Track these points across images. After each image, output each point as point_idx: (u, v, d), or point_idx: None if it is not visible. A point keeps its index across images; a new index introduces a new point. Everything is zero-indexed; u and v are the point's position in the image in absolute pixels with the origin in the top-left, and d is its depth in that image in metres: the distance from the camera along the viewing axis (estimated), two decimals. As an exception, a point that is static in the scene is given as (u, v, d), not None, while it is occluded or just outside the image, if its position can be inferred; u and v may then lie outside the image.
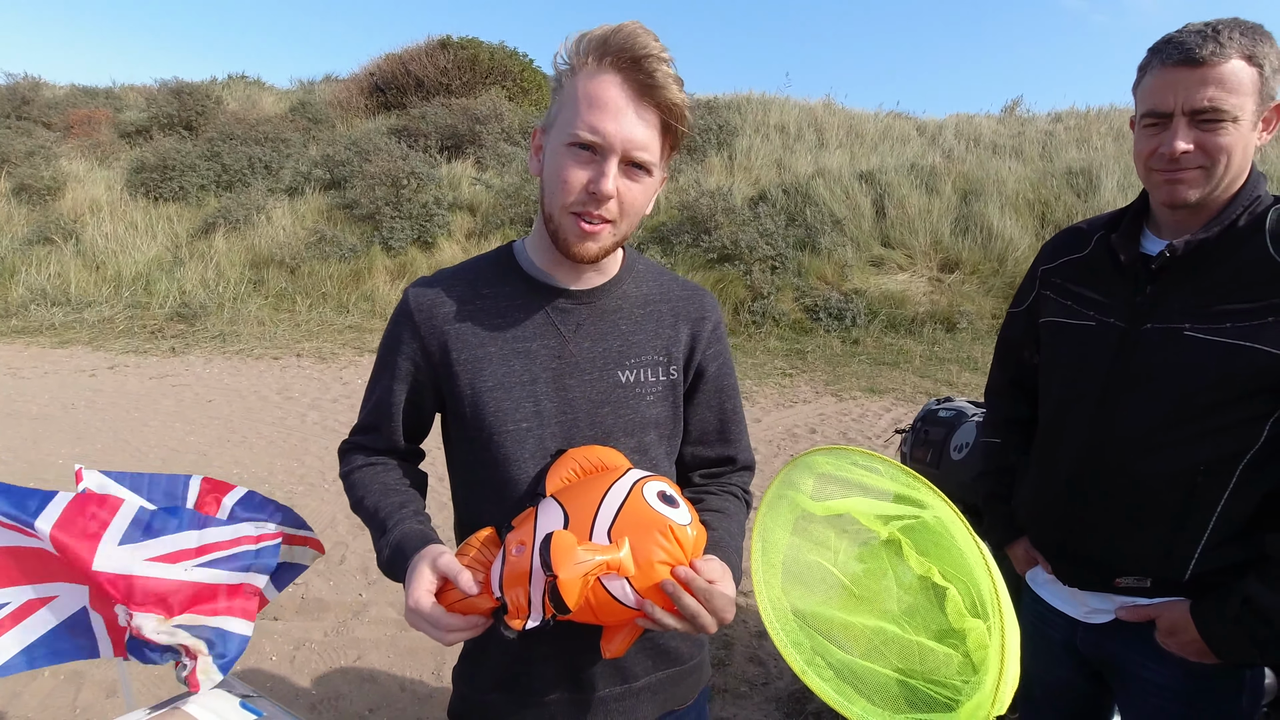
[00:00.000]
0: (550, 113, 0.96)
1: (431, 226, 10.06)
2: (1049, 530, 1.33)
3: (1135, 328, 1.18)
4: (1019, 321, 1.45)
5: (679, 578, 0.82)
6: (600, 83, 0.89)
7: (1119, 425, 1.19)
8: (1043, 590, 1.41)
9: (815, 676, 0.70)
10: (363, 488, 1.06)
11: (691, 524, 0.86)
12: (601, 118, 0.89)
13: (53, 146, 12.36)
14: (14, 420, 5.58)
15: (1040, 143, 12.18)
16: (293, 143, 12.16)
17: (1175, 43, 1.08)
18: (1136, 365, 1.17)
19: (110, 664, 2.64)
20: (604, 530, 0.82)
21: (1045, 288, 1.36)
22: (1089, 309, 1.26)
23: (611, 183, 0.90)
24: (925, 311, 8.53)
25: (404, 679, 2.70)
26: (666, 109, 0.91)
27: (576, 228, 0.93)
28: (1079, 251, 1.32)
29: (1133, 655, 1.27)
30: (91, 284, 9.71)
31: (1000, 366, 1.53)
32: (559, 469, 0.95)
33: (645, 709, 1.08)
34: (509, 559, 0.85)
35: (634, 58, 0.88)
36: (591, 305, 1.04)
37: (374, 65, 14.51)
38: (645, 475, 0.90)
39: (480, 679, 1.08)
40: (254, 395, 6.42)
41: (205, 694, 1.02)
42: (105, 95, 15.29)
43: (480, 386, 1.00)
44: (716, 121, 12.12)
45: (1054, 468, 1.30)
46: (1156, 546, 1.19)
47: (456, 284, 1.04)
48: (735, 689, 2.60)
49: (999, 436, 1.51)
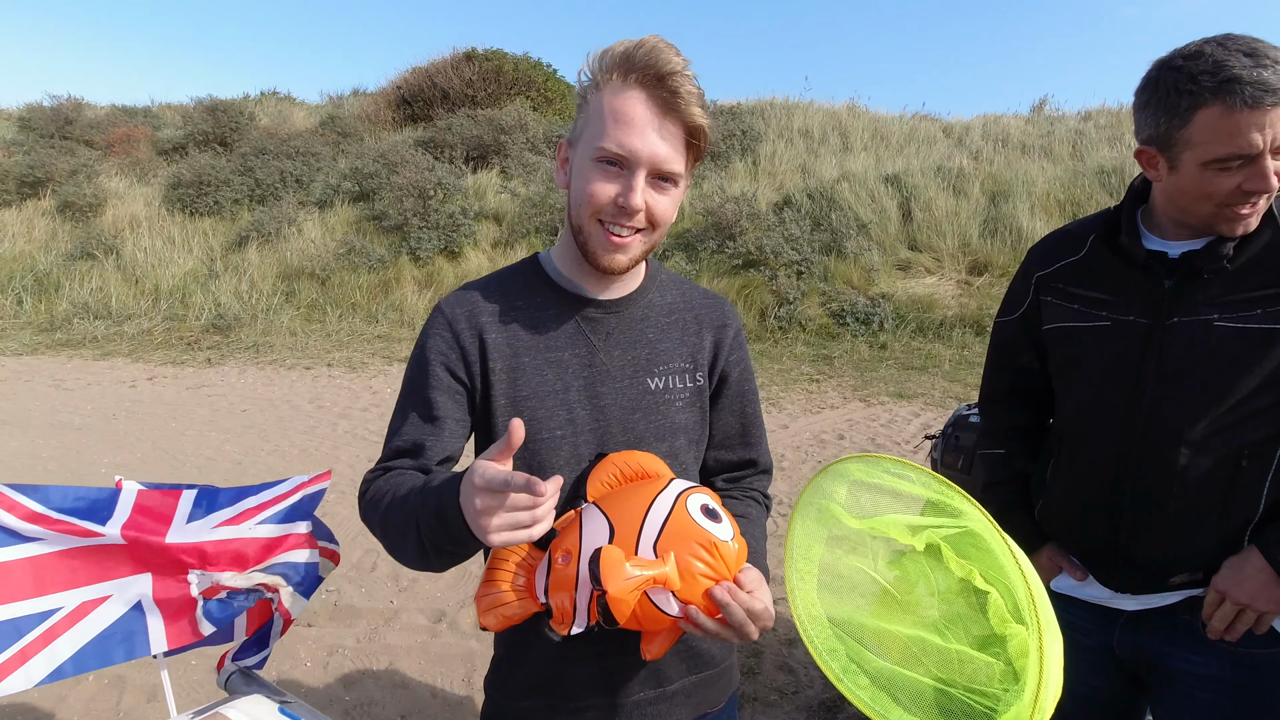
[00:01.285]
0: (576, 127, 0.98)
1: (458, 236, 10.18)
2: (1089, 537, 1.31)
3: (1160, 323, 1.18)
4: (1012, 329, 1.44)
5: (724, 591, 0.84)
6: (626, 99, 0.91)
7: (1157, 422, 1.18)
8: (1077, 591, 1.38)
9: (850, 684, 0.70)
10: (381, 493, 0.96)
11: (734, 538, 0.87)
12: (628, 133, 0.90)
13: (94, 165, 12.76)
14: (58, 430, 5.75)
15: (1070, 142, 11.97)
16: (322, 156, 12.40)
17: (1248, 82, 1.00)
18: (1169, 360, 1.17)
19: (152, 669, 2.71)
20: (650, 544, 0.83)
21: (1044, 293, 1.35)
22: (1100, 309, 1.25)
23: (640, 196, 0.92)
24: (954, 315, 8.42)
25: (435, 686, 2.73)
26: (690, 125, 0.94)
27: (606, 240, 0.95)
28: (1074, 254, 1.31)
29: (1177, 648, 1.26)
30: (131, 297, 9.99)
31: (996, 374, 1.52)
32: (599, 473, 0.96)
33: (679, 712, 1.09)
34: (555, 567, 0.86)
35: (658, 75, 0.90)
36: (620, 314, 1.06)
37: (401, 79, 14.76)
38: (689, 487, 0.91)
39: (513, 685, 1.09)
40: (286, 404, 6.54)
41: (244, 699, 1.05)
42: (144, 114, 15.76)
43: (516, 396, 1.01)
44: (740, 127, 12.11)
45: (1087, 473, 1.29)
46: (1209, 539, 1.19)
47: (489, 295, 1.06)
48: (765, 697, 2.58)
49: (1002, 446, 1.50)
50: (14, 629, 1.09)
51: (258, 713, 1.00)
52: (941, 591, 0.75)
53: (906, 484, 0.77)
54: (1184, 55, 1.06)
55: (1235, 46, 1.03)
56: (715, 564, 0.84)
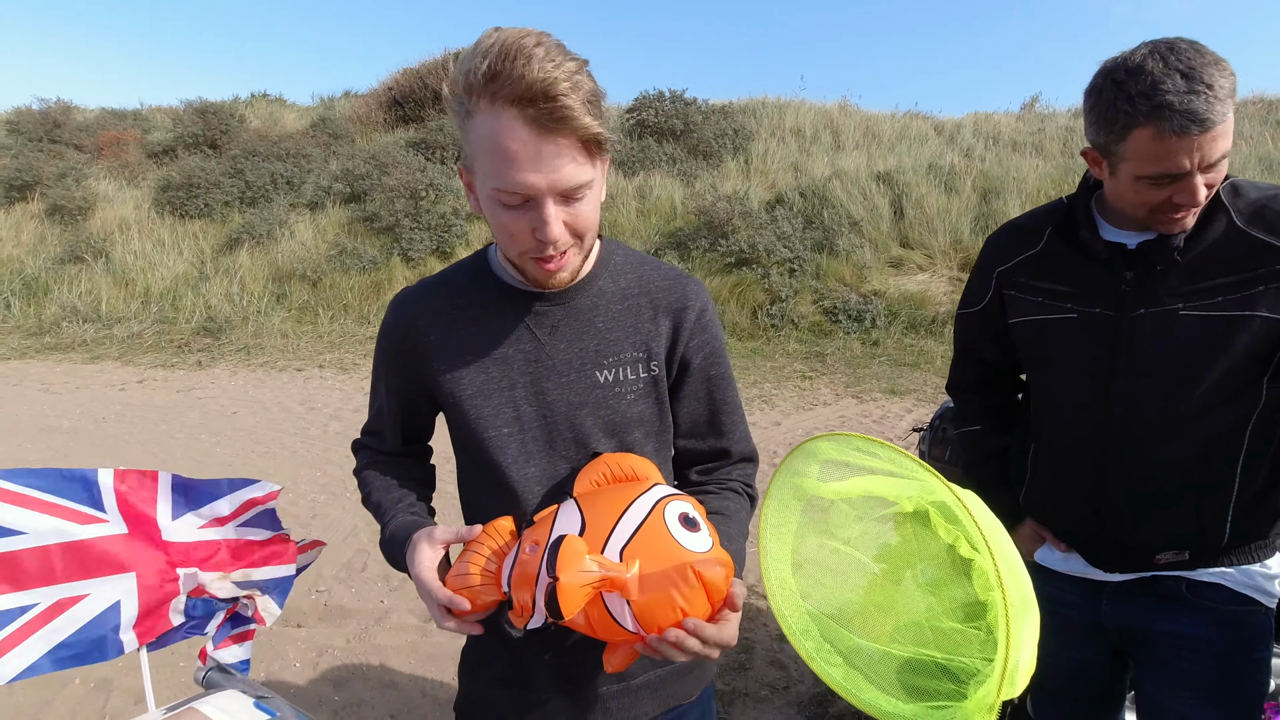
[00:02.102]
0: (466, 153, 0.88)
1: (450, 237, 10.16)
2: (1074, 524, 1.34)
3: (1127, 314, 1.20)
4: (974, 322, 1.45)
5: (688, 629, 0.79)
6: (503, 129, 0.80)
7: (1132, 412, 1.21)
8: (1060, 565, 1.39)
9: (823, 663, 0.70)
10: (368, 485, 1.12)
11: (712, 549, 0.83)
12: (519, 169, 0.81)
13: (83, 168, 12.69)
14: (47, 435, 5.71)
15: (1061, 139, 12.02)
16: (314, 158, 12.36)
17: (1179, 110, 1.02)
18: (1139, 352, 1.19)
19: (138, 671, 2.68)
20: (618, 546, 0.80)
21: (1007, 288, 1.35)
22: (1064, 301, 1.26)
23: (555, 226, 0.85)
24: (946, 311, 8.44)
25: (425, 685, 2.71)
26: (581, 135, 0.82)
27: (539, 269, 0.91)
28: (1032, 248, 1.32)
29: (1163, 613, 1.29)
30: (121, 300, 9.94)
31: (962, 366, 1.54)
32: (589, 472, 0.94)
33: (645, 705, 1.08)
34: (521, 557, 0.85)
35: (531, 95, 0.78)
36: (566, 305, 1.01)
37: (392, 80, 14.72)
38: (670, 494, 0.88)
39: (482, 675, 1.09)
40: (277, 406, 6.51)
41: (220, 694, 1.04)
42: (133, 117, 15.68)
43: (460, 395, 1.00)
44: (732, 126, 12.12)
45: (1068, 463, 1.31)
46: (1191, 520, 1.22)
47: (434, 295, 1.04)
48: (756, 693, 2.57)
49: (978, 423, 1.51)
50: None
51: (232, 708, 0.99)
52: (930, 558, 0.74)
53: (874, 461, 0.76)
54: (1126, 69, 1.07)
55: (1175, 64, 1.02)
56: (692, 597, 0.79)
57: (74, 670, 2.72)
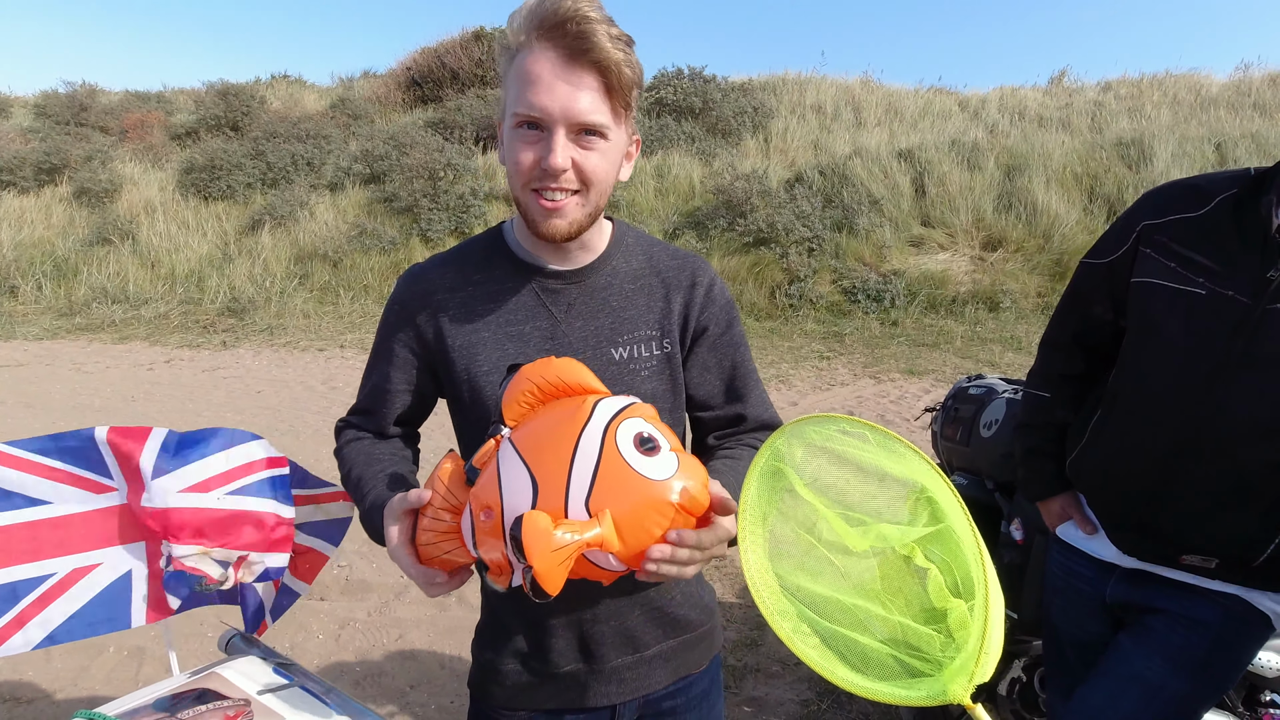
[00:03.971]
0: (503, 101, 0.94)
1: (468, 217, 10.20)
2: (1121, 501, 1.29)
3: (1260, 306, 1.11)
4: (1098, 274, 1.34)
5: (671, 540, 0.75)
6: (534, 58, 0.86)
7: (1232, 407, 1.13)
8: (1079, 542, 1.40)
9: (800, 644, 0.71)
10: (349, 462, 1.08)
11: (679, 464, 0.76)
12: (537, 92, 0.86)
13: (109, 150, 12.88)
14: (79, 413, 5.86)
15: (1089, 113, 11.77)
16: (333, 139, 12.43)
17: None
18: (1260, 347, 1.11)
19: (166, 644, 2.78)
20: (581, 500, 0.73)
21: (1146, 245, 1.24)
22: (1198, 275, 1.17)
23: (561, 155, 0.87)
24: (967, 291, 8.34)
25: (443, 657, 2.78)
26: (602, 68, 0.86)
27: (539, 206, 0.92)
28: (1194, 211, 1.20)
29: (1172, 596, 1.28)
30: (148, 282, 10.13)
31: (1064, 318, 1.43)
32: (514, 392, 0.84)
33: (658, 675, 1.11)
34: (478, 524, 0.78)
35: (558, 22, 0.84)
36: (581, 284, 1.03)
37: (410, 59, 14.72)
38: (616, 413, 0.79)
39: (496, 649, 1.12)
40: (300, 385, 6.62)
41: (241, 659, 1.08)
42: (157, 99, 15.85)
43: (476, 371, 1.01)
44: (751, 104, 11.98)
45: (1141, 441, 1.24)
46: (1238, 530, 1.17)
47: (447, 271, 1.05)
48: (768, 668, 2.61)
49: (1049, 390, 1.44)
50: (10, 593, 1.12)
51: (253, 672, 1.03)
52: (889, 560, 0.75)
53: (862, 445, 0.76)
54: None
55: None
56: (676, 524, 0.74)
57: (109, 637, 2.82)
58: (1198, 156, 9.38)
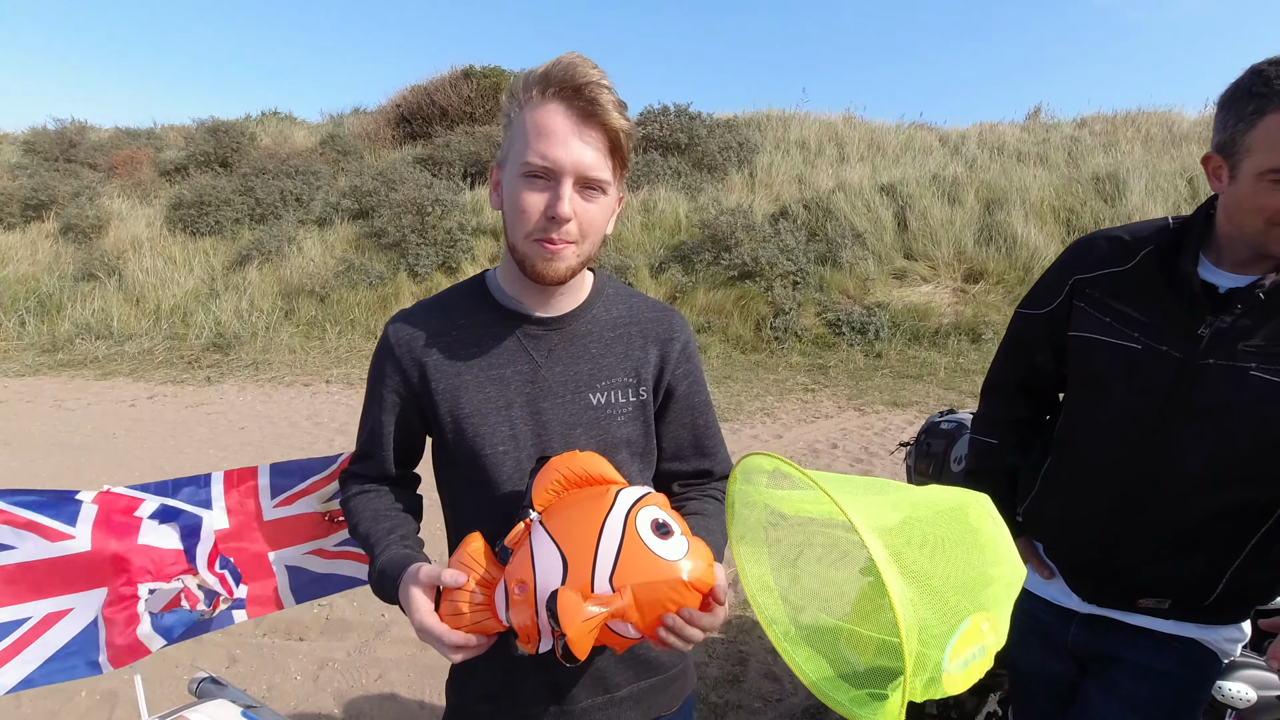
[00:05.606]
0: (503, 149, 1.01)
1: (456, 252, 10.26)
2: (1077, 549, 1.32)
3: (1194, 361, 1.13)
4: (1035, 324, 1.37)
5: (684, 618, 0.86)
6: (546, 112, 0.94)
7: (1177, 459, 1.16)
8: (1038, 588, 1.42)
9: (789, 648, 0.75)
10: (357, 515, 1.12)
11: (689, 548, 0.87)
12: (550, 144, 0.93)
13: (97, 187, 12.90)
14: (59, 450, 5.80)
15: (1065, 149, 12.05)
16: (322, 175, 12.52)
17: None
18: (1198, 400, 1.13)
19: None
20: (605, 577, 0.83)
21: (1078, 298, 1.28)
22: (1132, 329, 1.20)
23: (568, 204, 0.94)
24: (950, 323, 8.45)
25: (423, 698, 2.74)
26: (610, 132, 0.96)
27: (542, 250, 0.97)
28: (1121, 265, 1.24)
29: (1132, 644, 1.29)
30: (133, 317, 10.08)
31: (1008, 365, 1.46)
32: (544, 479, 0.94)
33: (628, 716, 1.11)
34: (513, 597, 0.87)
35: (575, 86, 0.93)
36: (562, 330, 1.07)
37: (400, 96, 14.91)
38: (635, 501, 0.89)
39: (469, 690, 1.13)
40: (284, 421, 6.58)
41: (210, 703, 1.08)
42: (147, 136, 15.94)
43: (459, 413, 1.04)
44: (736, 139, 12.20)
45: (1089, 489, 1.27)
46: (1190, 573, 1.20)
47: (432, 316, 1.09)
48: (750, 705, 2.59)
49: (996, 437, 1.47)
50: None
51: (221, 716, 1.04)
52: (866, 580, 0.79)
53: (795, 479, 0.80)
54: (1271, 60, 1.02)
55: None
56: (680, 599, 0.85)
57: (80, 682, 2.77)
58: (1170, 190, 9.62)
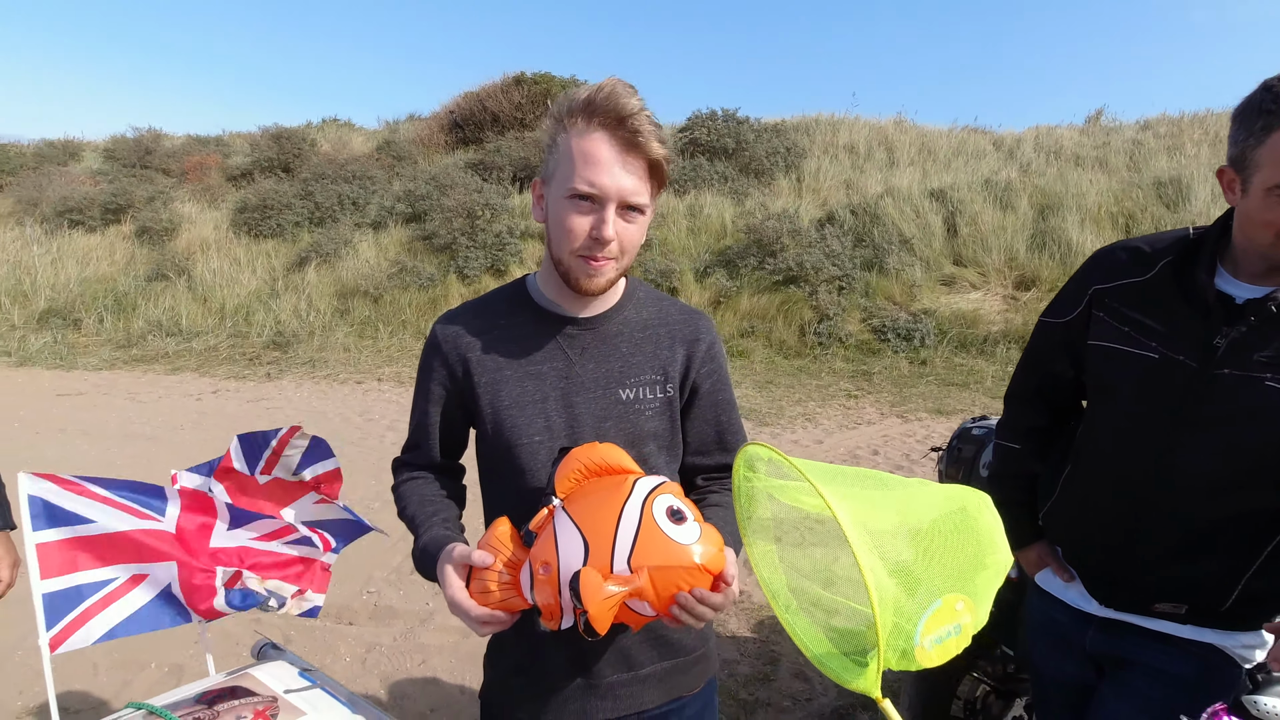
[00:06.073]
0: (547, 167, 1.08)
1: (504, 255, 10.49)
2: (1091, 553, 1.35)
3: (1208, 370, 1.15)
4: (1056, 333, 1.39)
5: (697, 597, 0.92)
6: (591, 140, 1.01)
7: (1188, 466, 1.18)
8: (1057, 592, 1.44)
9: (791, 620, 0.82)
10: (405, 498, 1.22)
11: (701, 533, 0.93)
12: (597, 172, 1.00)
13: (170, 191, 13.61)
14: (130, 440, 6.16)
15: (1127, 152, 11.66)
16: (378, 180, 12.95)
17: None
18: (1210, 409, 1.16)
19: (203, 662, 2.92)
20: (624, 559, 0.89)
21: (1098, 308, 1.30)
22: (1150, 339, 1.22)
23: (611, 228, 1.03)
24: (999, 331, 8.29)
25: (464, 683, 2.87)
26: (651, 160, 1.04)
27: (585, 267, 1.06)
28: (1139, 275, 1.25)
29: (1149, 648, 1.30)
30: (200, 316, 10.61)
31: (1027, 373, 1.49)
32: (565, 469, 1.01)
33: (651, 694, 1.18)
34: (537, 577, 0.93)
35: (619, 117, 1.00)
36: (595, 331, 1.16)
37: (453, 103, 15.31)
38: (651, 489, 0.96)
39: (502, 664, 1.22)
40: (338, 417, 6.85)
41: (271, 664, 1.20)
42: (216, 142, 16.72)
43: (498, 405, 1.13)
44: (784, 144, 12.17)
45: (1105, 495, 1.30)
46: (1206, 579, 1.22)
47: (476, 317, 1.18)
48: (779, 704, 2.64)
49: (1018, 443, 1.50)
50: (76, 594, 1.30)
51: (280, 674, 1.15)
52: None
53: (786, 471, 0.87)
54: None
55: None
56: (697, 580, 0.91)
57: (150, 654, 2.98)
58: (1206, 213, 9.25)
